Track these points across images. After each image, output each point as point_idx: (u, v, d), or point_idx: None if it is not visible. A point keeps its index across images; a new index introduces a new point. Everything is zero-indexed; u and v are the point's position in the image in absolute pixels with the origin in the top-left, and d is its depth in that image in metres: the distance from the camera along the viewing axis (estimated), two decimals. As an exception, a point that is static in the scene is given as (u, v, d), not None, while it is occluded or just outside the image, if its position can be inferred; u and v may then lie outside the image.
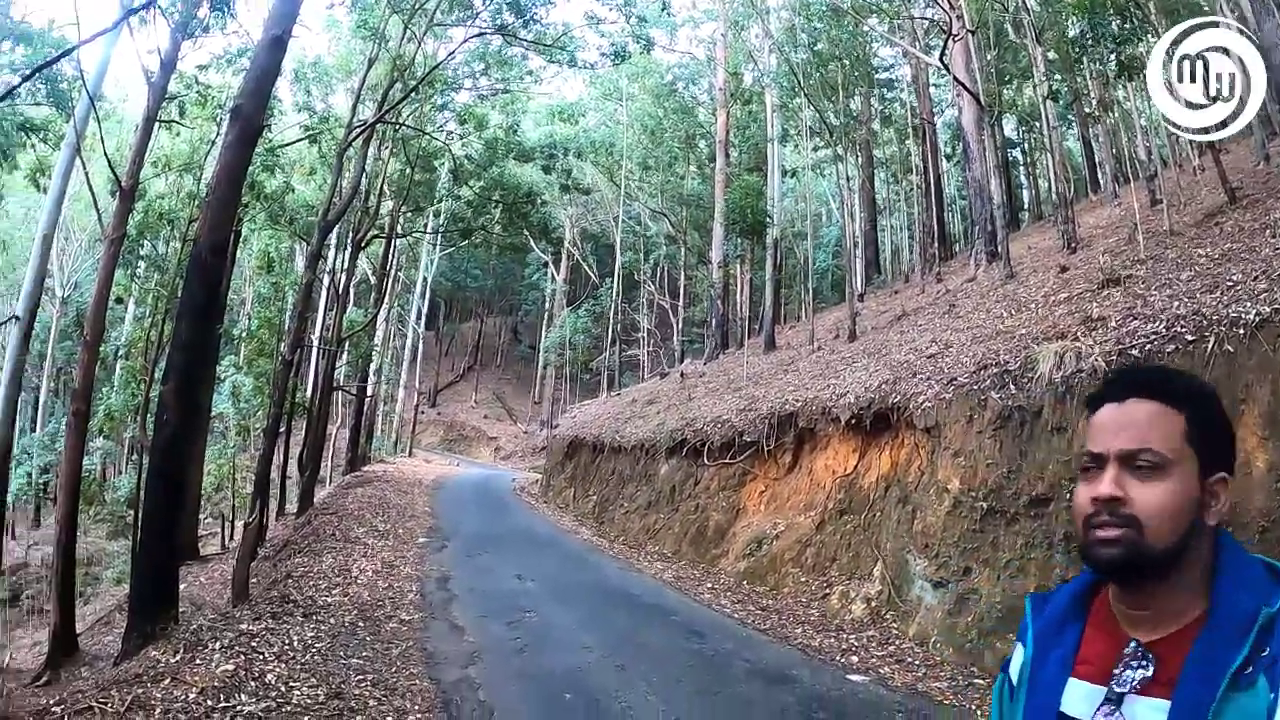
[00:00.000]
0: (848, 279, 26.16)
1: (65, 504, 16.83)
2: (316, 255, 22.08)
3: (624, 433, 22.71)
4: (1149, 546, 1.42)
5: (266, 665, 7.99)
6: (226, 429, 33.48)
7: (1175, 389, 1.51)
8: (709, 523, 16.19)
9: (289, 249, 34.20)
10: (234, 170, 12.35)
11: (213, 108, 20.79)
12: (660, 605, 11.78)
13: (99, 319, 17.69)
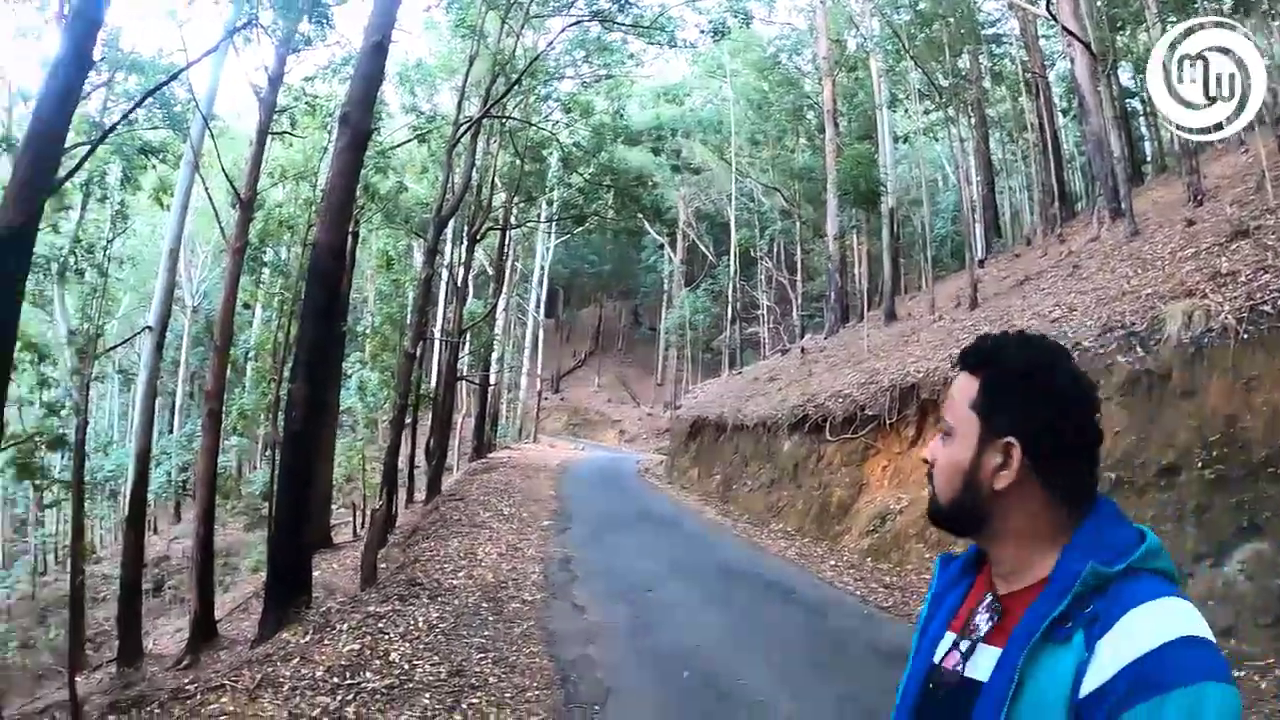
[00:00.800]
0: (967, 245, 25.56)
1: (203, 499, 17.67)
2: (433, 250, 22.55)
3: (746, 411, 22.57)
4: (936, 502, 1.59)
5: (391, 645, 8.33)
6: (355, 422, 34.52)
7: (979, 358, 1.57)
8: (832, 499, 16.01)
9: (406, 246, 34.95)
10: (347, 175, 12.76)
11: (322, 116, 21.36)
12: (781, 583, 11.76)
13: (228, 324, 18.45)
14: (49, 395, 22.75)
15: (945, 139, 32.43)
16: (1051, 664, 1.34)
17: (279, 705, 6.64)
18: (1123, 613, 1.31)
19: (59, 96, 8.11)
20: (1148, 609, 1.31)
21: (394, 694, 7.00)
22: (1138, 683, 1.25)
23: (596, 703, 7.05)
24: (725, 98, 40.46)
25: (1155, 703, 1.23)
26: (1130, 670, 1.26)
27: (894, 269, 26.44)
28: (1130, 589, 1.35)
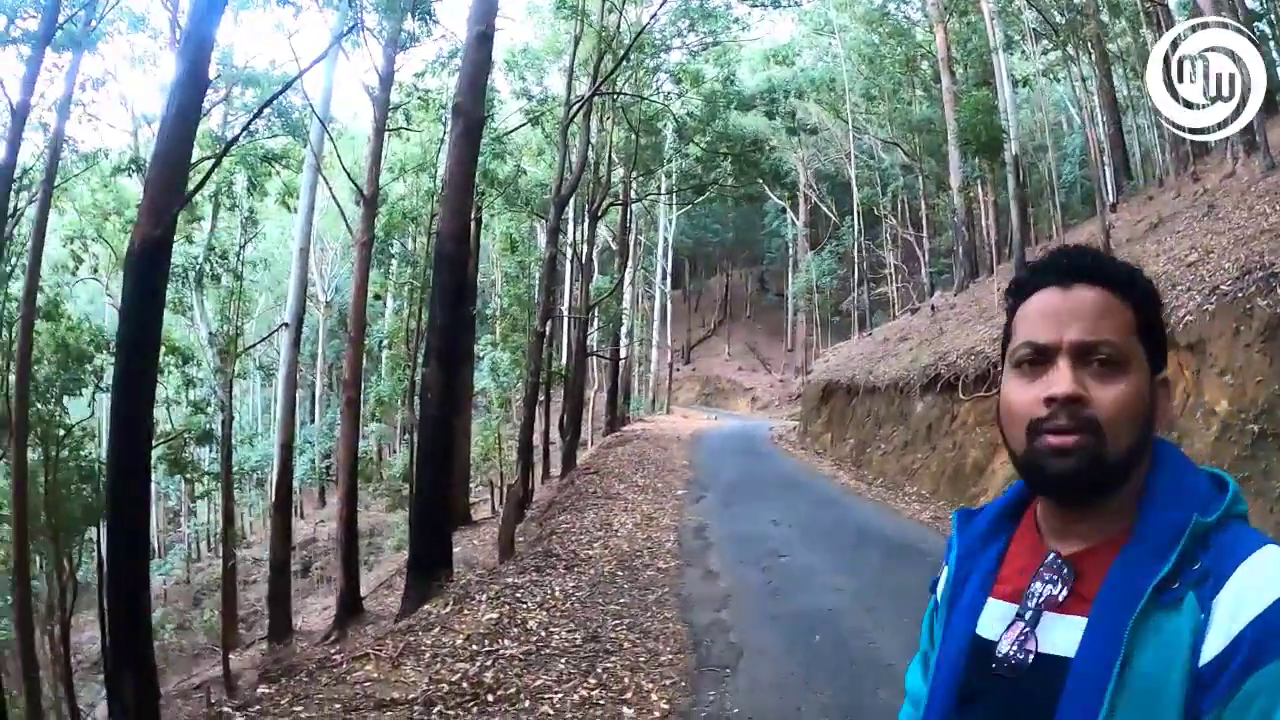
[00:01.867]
0: (1096, 189, 24.70)
1: (345, 483, 18.40)
2: (555, 230, 22.82)
3: (877, 373, 22.28)
4: (1109, 454, 1.21)
5: (529, 613, 8.58)
6: (489, 403, 35.17)
7: (1123, 276, 1.31)
8: (966, 460, 15.67)
9: (529, 228, 35.31)
10: (464, 163, 13.07)
11: (435, 109, 21.74)
12: (915, 547, 11.61)
13: (360, 316, 19.10)
14: (195, 394, 23.84)
15: (1066, 79, 31.24)
16: (1161, 631, 1.14)
17: (420, 671, 6.93)
18: (1235, 566, 1.14)
19: (181, 116, 8.49)
20: (1262, 559, 1.14)
21: (531, 660, 7.22)
22: (1266, 639, 1.07)
23: (728, 666, 7.16)
24: (835, 54, 39.56)
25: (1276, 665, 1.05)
26: (1255, 627, 1.08)
27: (1022, 219, 25.64)
28: (1230, 539, 1.18)
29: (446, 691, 6.42)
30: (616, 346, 36.89)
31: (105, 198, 23.76)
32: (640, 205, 40.61)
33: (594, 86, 22.93)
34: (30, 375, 16.75)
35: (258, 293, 37.61)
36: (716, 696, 6.50)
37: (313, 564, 31.14)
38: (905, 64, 36.18)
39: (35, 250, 16.07)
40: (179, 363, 22.20)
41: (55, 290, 21.27)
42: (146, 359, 8.97)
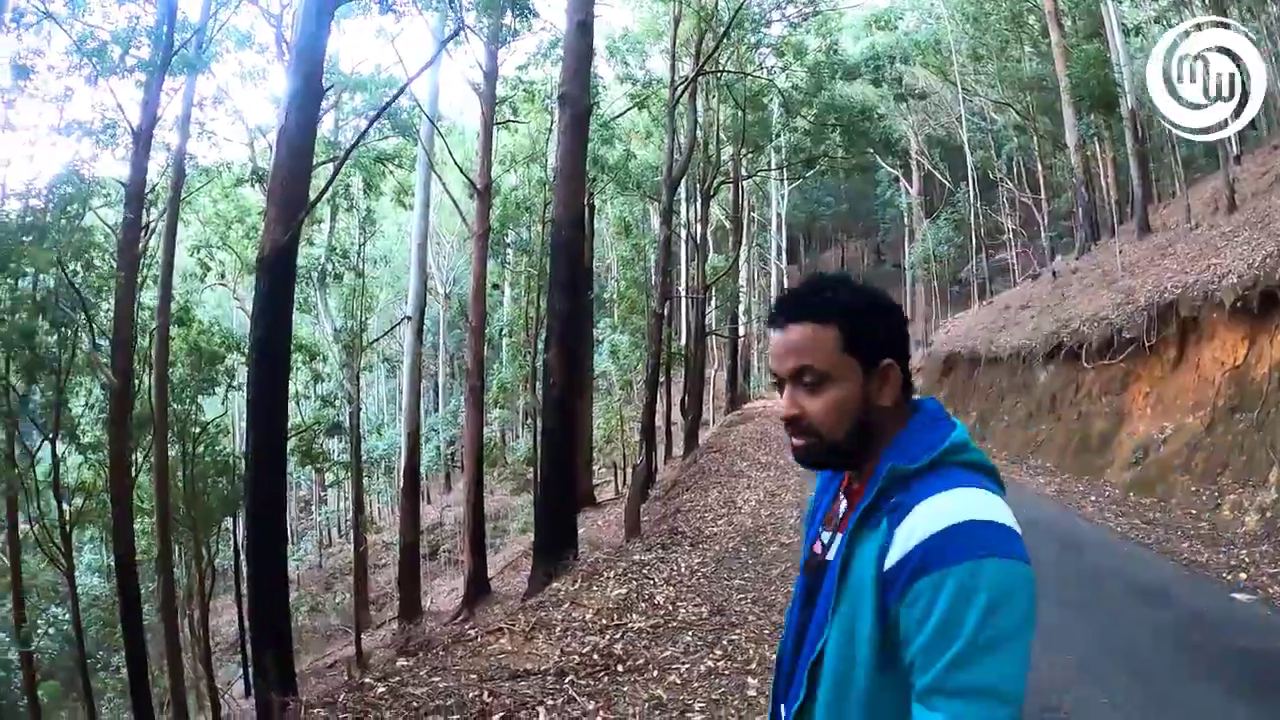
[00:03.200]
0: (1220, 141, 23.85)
1: (471, 468, 18.90)
2: (669, 211, 22.92)
3: (998, 342, 21.88)
4: (830, 443, 1.70)
5: (655, 589, 8.71)
6: (610, 385, 35.55)
7: (822, 308, 1.70)
8: (1091, 431, 15.39)
9: (642, 211, 35.50)
10: (574, 151, 13.25)
11: (541, 100, 22.07)
12: (1039, 520, 11.37)
13: (480, 305, 19.55)
14: (323, 389, 24.76)
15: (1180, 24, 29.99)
16: (865, 545, 1.60)
17: (552, 644, 7.10)
18: (917, 502, 1.55)
19: (299, 129, 8.83)
20: (940, 498, 1.54)
21: (658, 632, 7.36)
22: (925, 559, 1.48)
23: (847, 634, 7.21)
24: (938, 15, 38.49)
25: (937, 575, 1.46)
26: (919, 549, 1.49)
27: (1143, 176, 24.82)
28: (930, 482, 1.59)
29: (578, 662, 6.58)
30: (734, 325, 36.88)
31: (227, 207, 24.81)
32: (752, 182, 40.45)
33: (697, 66, 22.90)
34: (167, 378, 17.62)
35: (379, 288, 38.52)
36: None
37: (440, 547, 32.02)
38: (1011, 20, 35.15)
39: (166, 261, 16.90)
40: (307, 359, 23.06)
41: (185, 297, 22.24)
42: (279, 357, 9.41)
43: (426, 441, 32.49)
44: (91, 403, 21.03)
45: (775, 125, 34.25)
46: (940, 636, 1.44)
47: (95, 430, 20.67)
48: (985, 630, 1.42)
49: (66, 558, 18.49)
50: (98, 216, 17.74)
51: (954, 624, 1.43)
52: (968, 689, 1.42)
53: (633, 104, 27.16)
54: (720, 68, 26.73)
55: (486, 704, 5.72)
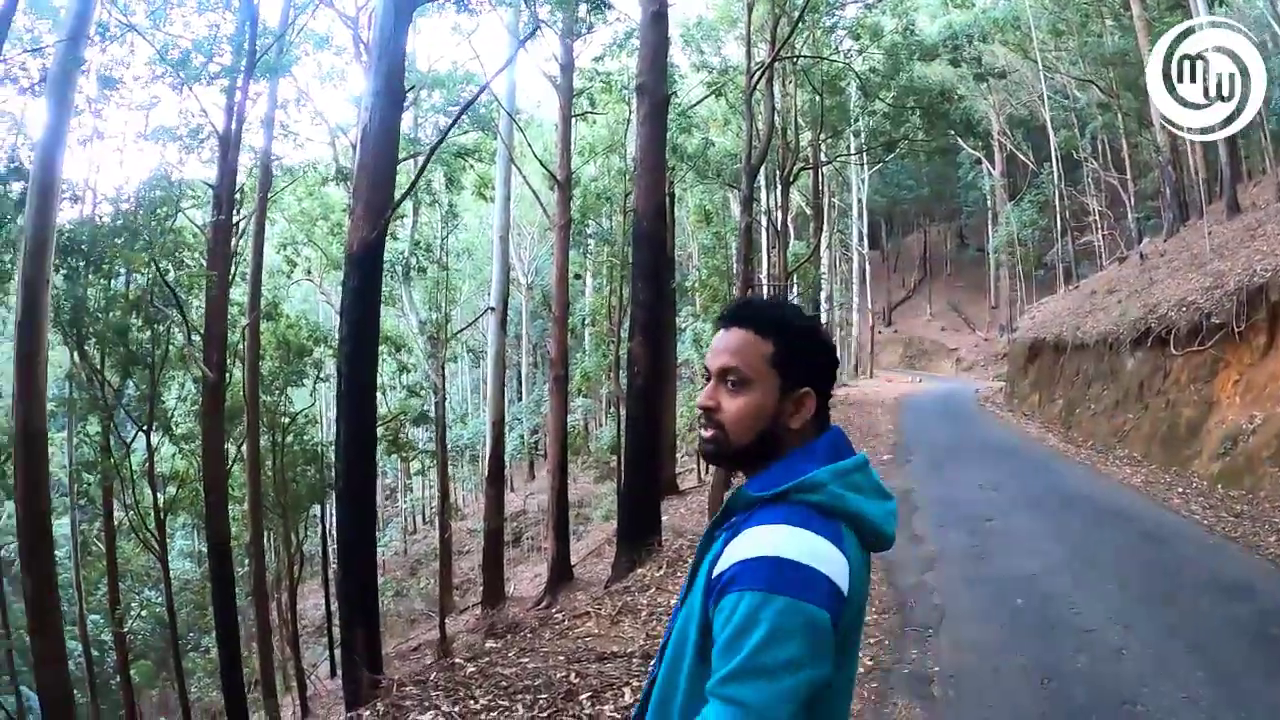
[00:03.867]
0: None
1: (555, 456, 19.11)
2: (749, 199, 22.76)
3: (1084, 328, 21.38)
4: (730, 444, 1.85)
5: None
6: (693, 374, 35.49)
7: (767, 321, 1.87)
8: (1179, 420, 14.99)
9: (722, 199, 35.30)
10: (653, 141, 13.30)
11: (618, 91, 22.07)
12: (1123, 512, 11.36)
13: (563, 295, 19.74)
14: (408, 379, 25.22)
15: (1267, -7, 28.92)
16: (708, 555, 1.81)
17: (637, 628, 7.32)
18: (747, 527, 1.72)
19: (383, 129, 9.03)
20: (763, 529, 1.69)
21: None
22: (733, 579, 1.65)
23: (931, 627, 7.27)
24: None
25: (736, 595, 1.63)
26: (734, 568, 1.67)
27: (1231, 153, 24.09)
28: (766, 512, 1.74)
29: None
30: (817, 311, 36.53)
31: (311, 205, 25.39)
32: (831, 167, 40.07)
33: (773, 52, 22.63)
34: (258, 371, 18.17)
35: (461, 280, 38.94)
36: (919, 656, 6.64)
37: (523, 534, 32.36)
38: (1091, -8, 34.25)
39: (255, 259, 17.38)
40: (393, 351, 23.50)
41: (273, 293, 22.82)
42: (368, 350, 9.67)
43: (510, 430, 32.85)
44: (184, 395, 21.73)
45: (853, 109, 33.72)
46: (728, 648, 1.61)
47: (188, 422, 21.33)
48: (758, 656, 1.58)
49: (160, 543, 19.16)
50: (187, 218, 18.28)
51: (738, 641, 1.60)
52: (733, 699, 1.58)
53: (710, 92, 27.04)
54: (796, 53, 26.44)
55: (574, 684, 5.89)
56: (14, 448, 11.44)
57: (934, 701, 5.84)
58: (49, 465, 12.39)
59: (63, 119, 11.46)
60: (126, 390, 19.07)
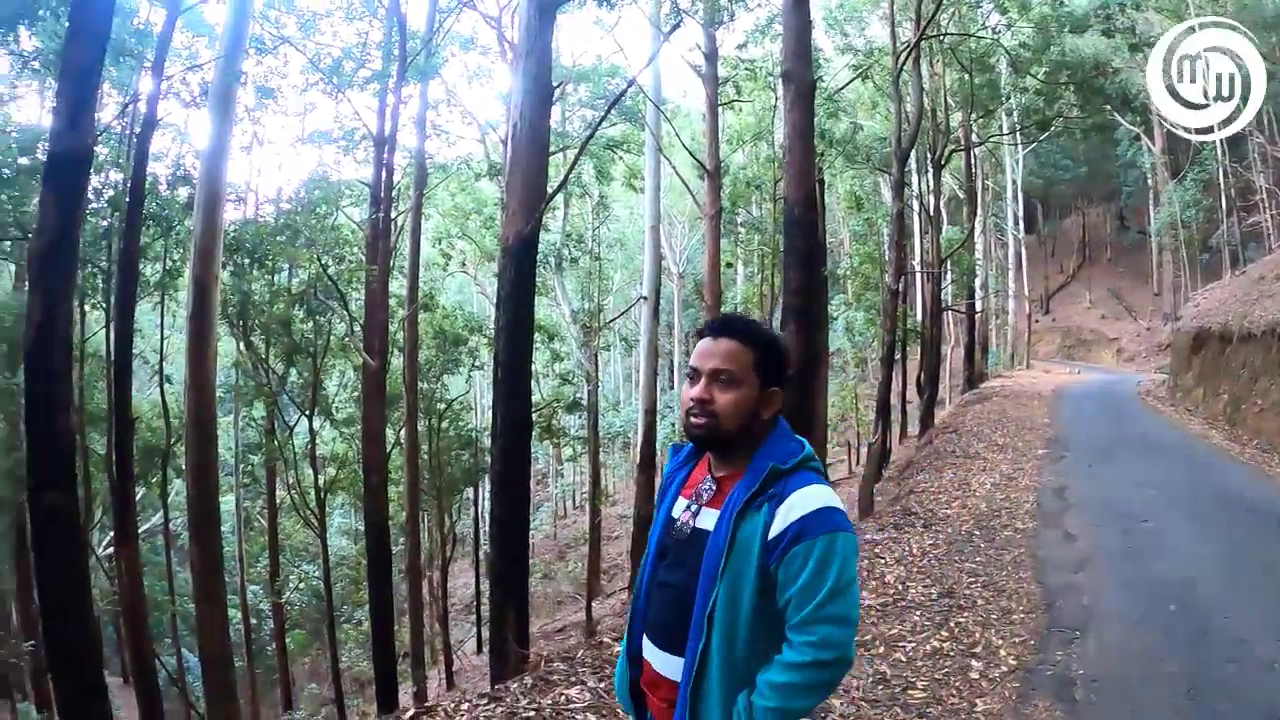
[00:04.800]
0: None
1: (706, 445, 19.23)
2: (900, 183, 22.45)
3: (1251, 317, 19.91)
4: (721, 430, 2.39)
5: (887, 568, 8.90)
6: (845, 362, 35.30)
7: (749, 334, 2.43)
8: (1354, 417, 14.25)
9: (872, 184, 34.84)
10: (801, 127, 13.16)
11: (763, 78, 22.03)
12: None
13: (715, 284, 19.88)
14: (561, 367, 25.74)
15: None
16: (751, 521, 2.29)
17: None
18: (789, 492, 2.27)
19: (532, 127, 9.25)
20: (807, 490, 2.28)
21: (887, 610, 7.50)
22: (800, 530, 2.22)
23: (1077, 628, 7.05)
24: (1169, -52, 35.96)
25: (807, 544, 2.21)
26: (796, 524, 2.22)
27: None
28: (796, 478, 2.31)
29: None
30: (971, 300, 35.67)
31: (464, 200, 26.20)
32: (984, 148, 39.00)
33: (918, 30, 22.08)
34: (416, 359, 18.89)
35: (614, 270, 39.45)
36: (1063, 657, 6.46)
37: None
38: (1250, -50, 32.46)
39: (413, 253, 18.06)
40: (547, 340, 24.05)
41: (430, 285, 23.64)
42: (524, 339, 9.92)
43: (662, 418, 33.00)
44: (344, 383, 22.78)
45: (1004, 87, 32.67)
46: (811, 585, 2.19)
47: (348, 407, 22.30)
48: (842, 578, 2.21)
49: (320, 521, 20.26)
50: (345, 215, 19.09)
51: (821, 575, 2.19)
52: (833, 617, 2.20)
53: (856, 75, 26.62)
54: (942, 30, 25.74)
55: None
56: (185, 431, 12.39)
57: (1075, 705, 5.71)
58: (217, 447, 13.21)
59: (225, 129, 12.26)
60: (290, 377, 20.24)
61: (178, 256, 18.63)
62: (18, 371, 19.68)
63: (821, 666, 2.21)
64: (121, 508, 13.61)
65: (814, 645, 2.19)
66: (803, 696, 2.24)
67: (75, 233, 8.98)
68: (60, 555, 8.54)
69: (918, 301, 33.25)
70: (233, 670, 13.27)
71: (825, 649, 2.20)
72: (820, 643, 2.19)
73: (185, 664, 22.09)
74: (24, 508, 20.44)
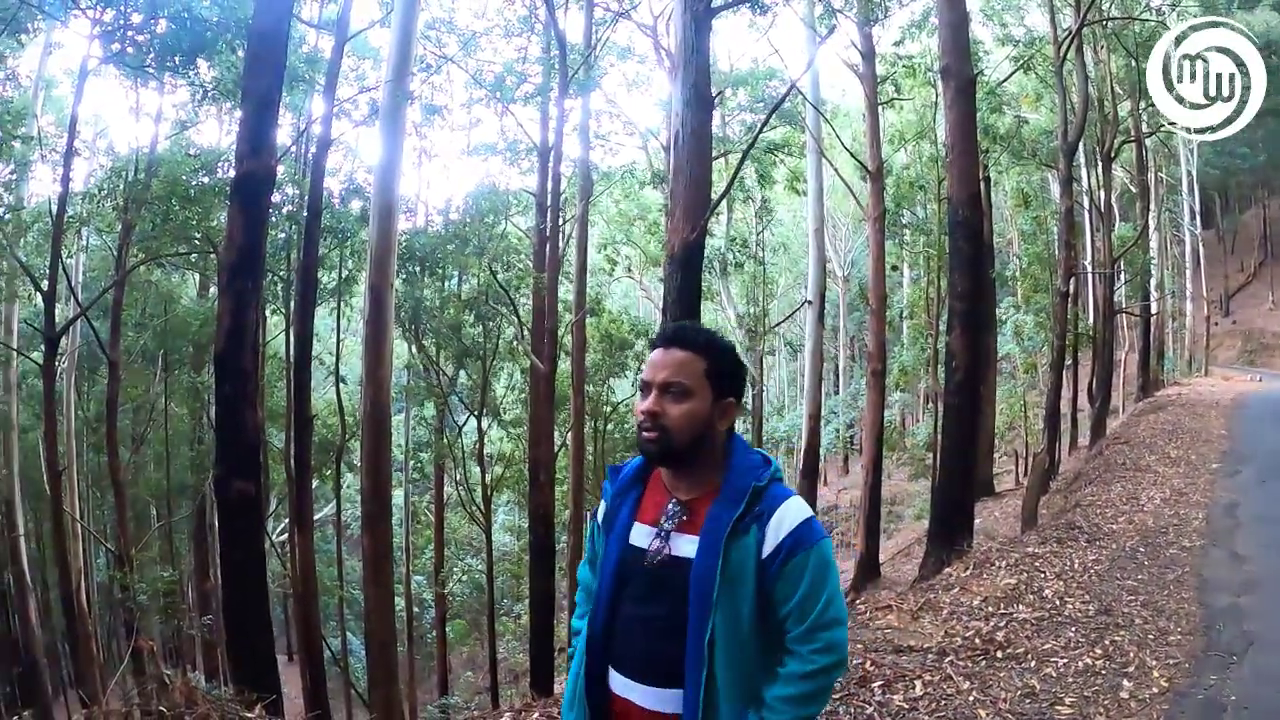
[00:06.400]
0: None
1: (870, 451, 19.12)
2: (1068, 179, 21.84)
3: None
4: (673, 444, 2.31)
5: (1045, 582, 8.69)
6: (1014, 369, 34.32)
7: (701, 343, 2.36)
8: None
9: (1040, 180, 33.74)
10: (963, 124, 13.02)
11: (922, 74, 21.66)
12: None
13: (880, 287, 19.80)
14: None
15: None
16: (740, 545, 2.26)
17: (937, 625, 7.36)
18: (773, 509, 2.27)
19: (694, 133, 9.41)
20: (787, 505, 2.28)
21: (1042, 624, 7.38)
22: (794, 545, 2.24)
23: (1235, 654, 6.81)
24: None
25: (802, 556, 2.24)
26: (787, 541, 2.24)
27: None
28: (774, 494, 2.30)
29: (959, 644, 6.80)
30: (1146, 301, 34.17)
31: (628, 207, 26.78)
32: (1156, 139, 37.31)
33: (1079, 16, 21.27)
34: (584, 363, 19.55)
35: (777, 274, 39.36)
36: (1216, 682, 6.27)
37: (833, 529, 32.20)
38: None
39: (580, 259, 18.71)
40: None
41: (596, 290, 24.21)
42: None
43: (826, 424, 32.90)
44: (512, 385, 23.59)
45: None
46: (811, 595, 2.24)
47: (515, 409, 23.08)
48: (832, 584, 2.29)
49: (485, 516, 21.13)
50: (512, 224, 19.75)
51: (818, 585, 2.25)
52: (834, 620, 2.27)
53: (1016, 67, 25.68)
54: (1104, 15, 24.70)
55: (869, 672, 6.08)
56: (361, 427, 13.36)
57: (1223, 732, 5.56)
58: (391, 442, 13.96)
59: (396, 146, 12.96)
60: (459, 379, 21.15)
61: (352, 265, 19.81)
62: (202, 371, 21.36)
63: (828, 671, 2.28)
64: (299, 498, 14.69)
65: (820, 652, 2.25)
66: (813, 704, 2.29)
67: (261, 246, 9.74)
68: (243, 538, 9.37)
69: (1089, 304, 32.13)
70: (395, 652, 13.92)
71: (829, 653, 2.26)
72: (824, 648, 2.25)
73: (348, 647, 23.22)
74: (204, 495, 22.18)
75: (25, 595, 20.56)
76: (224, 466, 9.22)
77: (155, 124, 17.70)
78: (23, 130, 16.77)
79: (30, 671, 19.71)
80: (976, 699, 5.77)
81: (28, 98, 18.68)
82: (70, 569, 17.24)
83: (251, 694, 6.02)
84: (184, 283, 24.26)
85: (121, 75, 16.44)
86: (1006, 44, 26.37)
